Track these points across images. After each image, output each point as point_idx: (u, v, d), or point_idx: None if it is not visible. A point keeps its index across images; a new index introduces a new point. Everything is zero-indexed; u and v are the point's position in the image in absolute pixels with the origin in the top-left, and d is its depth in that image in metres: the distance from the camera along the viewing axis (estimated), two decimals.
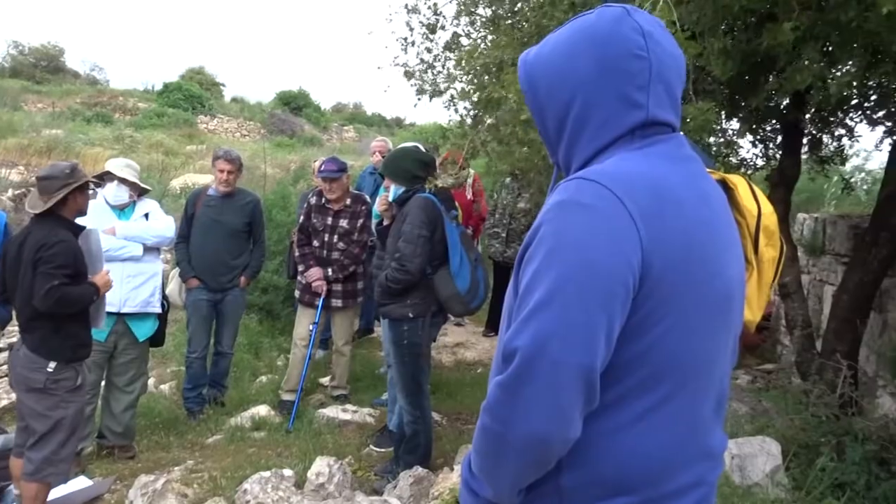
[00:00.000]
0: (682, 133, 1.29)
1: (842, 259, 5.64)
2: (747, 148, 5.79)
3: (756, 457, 3.77)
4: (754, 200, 1.96)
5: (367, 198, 5.56)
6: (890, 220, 4.40)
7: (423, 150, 4.16)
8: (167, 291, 5.16)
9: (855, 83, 4.49)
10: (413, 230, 3.87)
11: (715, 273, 1.19)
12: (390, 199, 4.17)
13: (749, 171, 5.79)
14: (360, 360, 6.48)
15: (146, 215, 4.80)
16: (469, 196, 7.00)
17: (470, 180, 7.02)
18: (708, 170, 1.86)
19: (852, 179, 8.39)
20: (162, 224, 4.81)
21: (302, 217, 5.46)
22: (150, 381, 5.86)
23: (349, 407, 5.33)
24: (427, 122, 19.59)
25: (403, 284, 3.91)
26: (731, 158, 5.42)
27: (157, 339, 4.84)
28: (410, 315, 3.98)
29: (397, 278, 3.89)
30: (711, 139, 5.11)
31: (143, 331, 4.67)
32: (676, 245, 1.14)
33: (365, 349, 6.93)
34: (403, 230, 3.90)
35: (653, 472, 1.17)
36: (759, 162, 5.84)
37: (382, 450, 4.56)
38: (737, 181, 1.95)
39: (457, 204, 4.55)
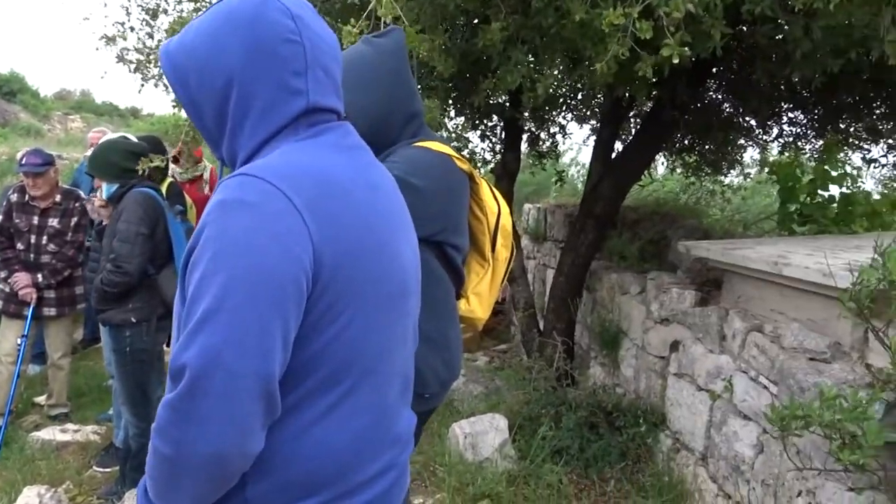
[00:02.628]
0: (347, 121, 1.27)
1: (559, 244, 6.20)
2: (476, 143, 6.17)
3: (487, 433, 4.01)
4: (495, 201, 2.03)
5: (81, 193, 5.02)
6: (594, 210, 4.91)
7: (134, 139, 3.82)
8: None
9: (561, 84, 4.97)
10: (129, 228, 3.54)
11: (390, 261, 1.18)
12: (104, 196, 3.80)
13: (479, 165, 6.18)
14: (84, 373, 5.87)
15: None
16: (206, 191, 6.63)
17: (206, 174, 6.66)
18: (457, 160, 1.90)
19: (570, 172, 9.30)
20: None
21: (1, 217, 4.79)
22: None
23: (70, 426, 4.79)
24: (167, 112, 18.20)
25: (121, 288, 3.57)
26: (462, 153, 5.73)
27: None
28: (133, 320, 3.65)
29: (114, 281, 3.54)
30: (444, 133, 5.35)
31: None
32: (348, 237, 1.11)
33: (91, 360, 6.27)
34: (119, 228, 3.56)
35: (340, 468, 1.14)
36: (488, 156, 6.26)
37: (107, 470, 4.16)
38: (480, 180, 2.01)
39: (188, 200, 4.29)
